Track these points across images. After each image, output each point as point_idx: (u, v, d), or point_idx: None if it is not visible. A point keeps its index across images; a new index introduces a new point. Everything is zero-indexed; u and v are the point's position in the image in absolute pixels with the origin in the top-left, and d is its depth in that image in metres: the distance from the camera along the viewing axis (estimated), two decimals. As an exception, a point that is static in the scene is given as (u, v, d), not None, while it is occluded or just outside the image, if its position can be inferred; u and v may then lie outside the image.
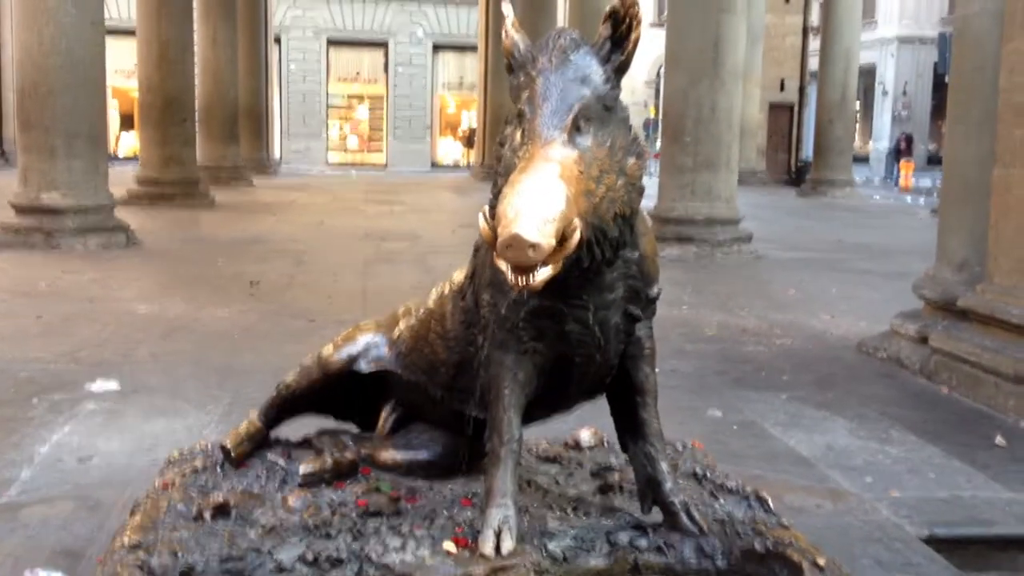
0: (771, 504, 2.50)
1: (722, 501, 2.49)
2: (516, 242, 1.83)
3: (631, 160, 2.14)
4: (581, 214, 1.98)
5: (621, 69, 2.14)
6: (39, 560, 2.72)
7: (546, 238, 1.85)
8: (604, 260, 2.13)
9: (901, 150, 30.96)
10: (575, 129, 2.04)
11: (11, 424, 4.29)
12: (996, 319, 5.22)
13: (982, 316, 5.37)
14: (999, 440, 4.49)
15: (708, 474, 2.65)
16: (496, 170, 2.18)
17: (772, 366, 5.84)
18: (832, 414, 4.83)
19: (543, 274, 1.90)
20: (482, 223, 2.00)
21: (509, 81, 2.18)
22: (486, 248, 2.19)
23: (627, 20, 2.11)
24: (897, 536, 3.11)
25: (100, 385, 4.93)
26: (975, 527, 3.43)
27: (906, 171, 28.99)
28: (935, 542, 3.18)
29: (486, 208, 2.06)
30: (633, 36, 2.12)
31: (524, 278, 1.90)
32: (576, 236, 1.92)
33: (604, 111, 2.10)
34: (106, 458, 3.89)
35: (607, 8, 2.12)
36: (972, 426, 4.76)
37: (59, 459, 3.87)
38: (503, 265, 1.91)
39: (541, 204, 1.88)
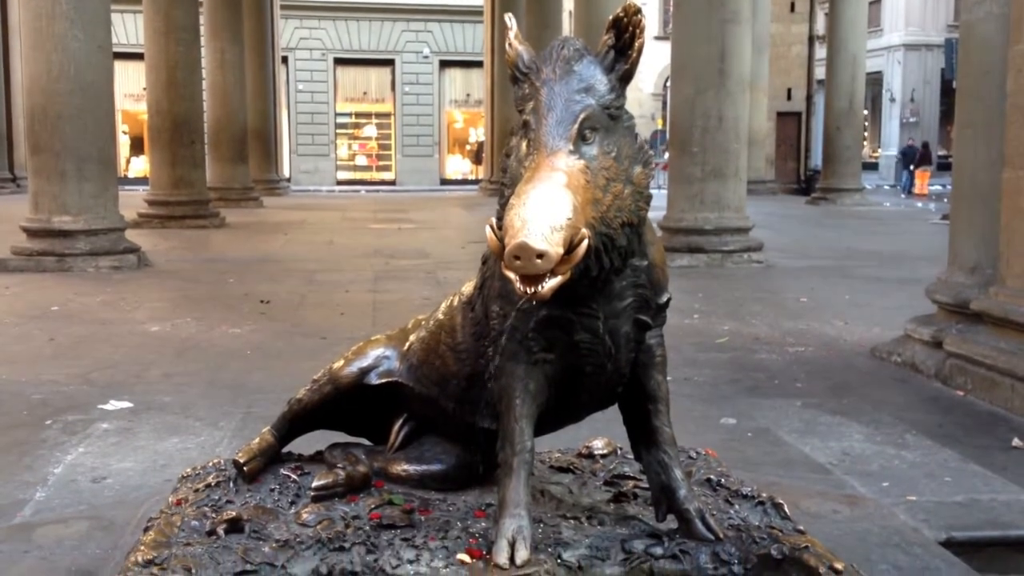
0: (787, 510, 2.48)
1: (737, 508, 2.48)
2: (523, 251, 1.83)
3: (637, 169, 2.14)
4: (588, 223, 1.98)
5: (625, 78, 2.15)
6: (54, 580, 2.72)
7: (553, 246, 1.85)
8: (612, 269, 2.13)
9: (906, 156, 30.77)
10: (580, 138, 2.04)
11: (25, 446, 4.30)
12: (1010, 321, 5.20)
13: (996, 318, 5.34)
14: (1016, 442, 4.46)
15: (723, 481, 2.63)
16: (503, 181, 2.19)
17: (785, 373, 5.81)
18: (847, 420, 4.80)
19: (551, 283, 1.90)
20: (489, 234, 2.01)
21: (514, 92, 2.19)
22: (494, 259, 2.19)
23: (630, 28, 2.11)
24: (915, 540, 3.09)
25: (113, 405, 4.94)
26: (993, 530, 3.40)
27: (922, 180, 28.90)
28: (953, 546, 3.16)
29: (493, 219, 2.06)
30: (637, 44, 2.12)
31: (532, 288, 1.90)
32: (584, 245, 1.93)
33: (609, 120, 2.11)
34: (120, 477, 3.89)
35: (610, 17, 2.13)
36: (988, 429, 4.73)
37: (73, 479, 3.87)
38: (511, 275, 1.91)
39: (548, 213, 1.88)
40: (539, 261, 1.84)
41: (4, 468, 4.00)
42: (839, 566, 2.13)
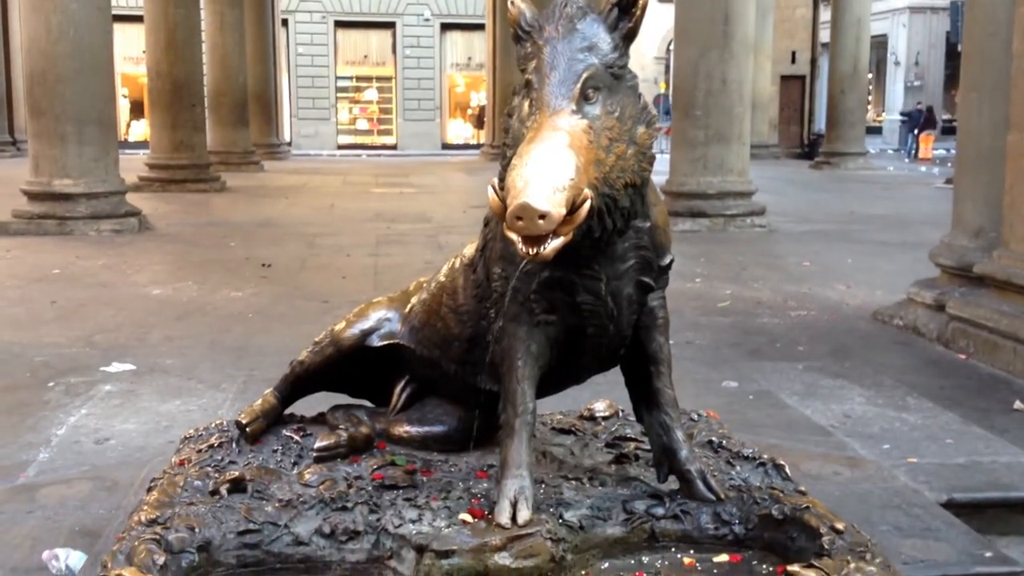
0: (788, 471, 2.48)
1: (738, 469, 2.48)
2: (526, 212, 1.82)
3: (641, 129, 2.12)
4: (591, 183, 1.96)
5: (629, 36, 2.12)
6: (58, 540, 2.74)
7: (556, 207, 1.83)
8: (615, 230, 2.11)
9: (911, 120, 30.63)
10: (583, 98, 2.02)
11: (28, 407, 4.31)
12: (1013, 284, 5.19)
13: (999, 282, 5.34)
14: (1017, 405, 4.47)
15: (724, 443, 2.63)
16: (505, 142, 2.17)
17: (787, 337, 5.82)
18: (849, 383, 4.81)
19: (554, 244, 1.88)
20: (491, 195, 1.99)
21: (516, 51, 2.16)
22: (496, 221, 2.18)
23: (634, -14, 2.08)
24: (916, 502, 3.10)
25: (116, 367, 4.95)
26: (994, 491, 3.42)
27: (925, 144, 28.75)
28: (954, 507, 3.17)
29: (495, 180, 2.04)
30: (641, 2, 2.09)
31: (535, 249, 1.88)
32: (586, 205, 1.91)
33: (613, 79, 2.08)
34: (123, 439, 3.91)
35: (614, -26, 2.09)
36: (990, 391, 4.74)
37: (76, 441, 3.89)
38: (513, 236, 1.89)
39: (550, 173, 1.86)
40: (541, 222, 1.82)
41: (7, 430, 4.01)
42: (840, 526, 2.14)
